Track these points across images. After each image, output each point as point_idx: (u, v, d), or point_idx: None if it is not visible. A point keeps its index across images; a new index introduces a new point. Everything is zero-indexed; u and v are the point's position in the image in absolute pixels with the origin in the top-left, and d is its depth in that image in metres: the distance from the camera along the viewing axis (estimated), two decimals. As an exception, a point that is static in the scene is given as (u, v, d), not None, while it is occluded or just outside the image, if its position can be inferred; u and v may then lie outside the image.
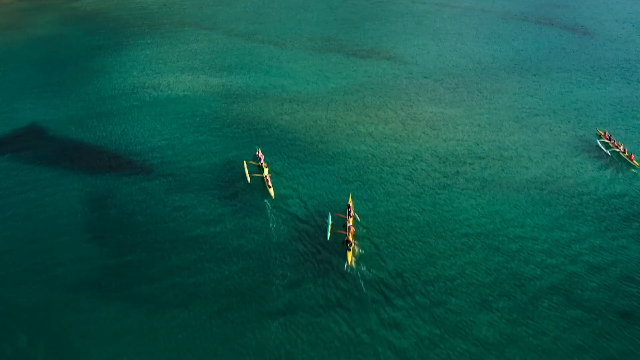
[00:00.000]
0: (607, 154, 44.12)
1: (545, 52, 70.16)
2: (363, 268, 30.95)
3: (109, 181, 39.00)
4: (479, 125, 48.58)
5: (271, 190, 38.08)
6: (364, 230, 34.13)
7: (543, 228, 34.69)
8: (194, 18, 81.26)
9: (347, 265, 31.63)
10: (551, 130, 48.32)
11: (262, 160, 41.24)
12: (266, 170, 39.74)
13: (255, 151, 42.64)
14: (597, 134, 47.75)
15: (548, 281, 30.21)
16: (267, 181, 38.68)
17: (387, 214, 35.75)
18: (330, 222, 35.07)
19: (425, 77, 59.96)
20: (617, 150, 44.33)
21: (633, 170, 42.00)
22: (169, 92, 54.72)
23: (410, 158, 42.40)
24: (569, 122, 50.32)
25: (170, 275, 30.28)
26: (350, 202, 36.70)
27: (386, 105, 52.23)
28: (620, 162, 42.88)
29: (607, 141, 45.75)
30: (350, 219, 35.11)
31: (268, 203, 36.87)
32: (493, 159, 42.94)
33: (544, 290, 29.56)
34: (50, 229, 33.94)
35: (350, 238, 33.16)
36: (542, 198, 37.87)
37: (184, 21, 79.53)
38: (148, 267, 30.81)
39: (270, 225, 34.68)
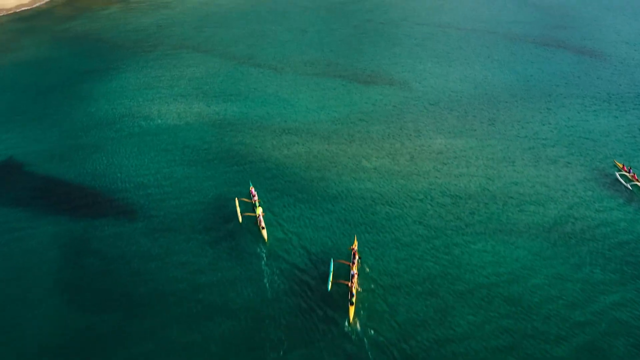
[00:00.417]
0: (628, 188, 41.27)
1: (556, 77, 67.41)
2: (368, 328, 27.58)
3: (87, 225, 35.68)
4: (491, 158, 45.41)
5: (264, 233, 34.89)
6: (370, 282, 30.79)
7: (566, 278, 31.40)
8: (190, 40, 78.74)
9: (349, 324, 28.27)
10: (568, 164, 45.20)
11: (255, 198, 38.11)
12: (259, 209, 36.62)
13: (248, 187, 39.43)
14: (615, 167, 44.82)
15: (574, 343, 26.81)
16: (260, 222, 35.53)
17: (396, 262, 32.42)
18: (332, 269, 31.80)
19: (432, 104, 57.04)
20: (638, 184, 41.48)
21: (658, 206, 38.94)
22: (160, 121, 51.68)
23: (421, 197, 39.13)
24: (585, 154, 47.25)
25: (149, 338, 26.76)
26: (355, 246, 33.44)
27: (392, 136, 49.14)
28: (642, 197, 39.88)
29: (627, 174, 43.03)
30: (355, 266, 31.83)
31: (261, 248, 33.57)
32: (509, 197, 39.69)
33: (570, 354, 26.05)
34: (15, 281, 30.54)
35: (354, 290, 29.85)
36: (563, 242, 34.66)
37: (180, 43, 76.99)
38: (123, 330, 27.37)
39: (263, 275, 31.39)
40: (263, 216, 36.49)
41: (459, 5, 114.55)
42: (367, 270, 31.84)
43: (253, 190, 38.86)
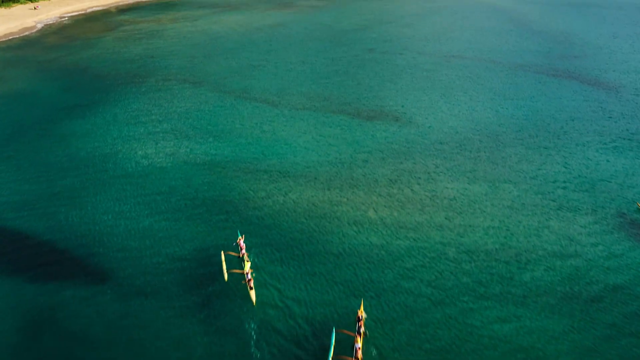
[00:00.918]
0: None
1: (570, 111, 63.93)
2: None
3: (53, 289, 31.39)
4: (509, 206, 41.32)
5: (253, 294, 30.73)
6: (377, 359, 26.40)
7: (603, 352, 26.99)
8: (182, 72, 75.46)
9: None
10: (593, 211, 41.18)
11: (243, 251, 33.92)
12: (247, 265, 32.51)
13: (237, 238, 35.23)
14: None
15: None
16: (249, 281, 31.40)
17: (408, 336, 28.13)
18: (333, 342, 27.48)
19: (440, 143, 53.22)
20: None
21: None
22: (145, 162, 47.71)
23: (434, 255, 34.90)
24: (610, 198, 43.30)
25: None
26: (362, 314, 29.12)
27: (400, 180, 45.13)
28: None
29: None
30: (360, 338, 27.53)
31: (248, 314, 29.27)
32: (531, 253, 35.50)
33: None
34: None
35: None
36: (595, 306, 30.50)
37: (171, 75, 73.65)
38: None
39: (250, 348, 26.93)
40: (252, 274, 32.32)
41: (462, 34, 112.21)
42: (374, 350, 27.47)
43: (242, 241, 34.71)
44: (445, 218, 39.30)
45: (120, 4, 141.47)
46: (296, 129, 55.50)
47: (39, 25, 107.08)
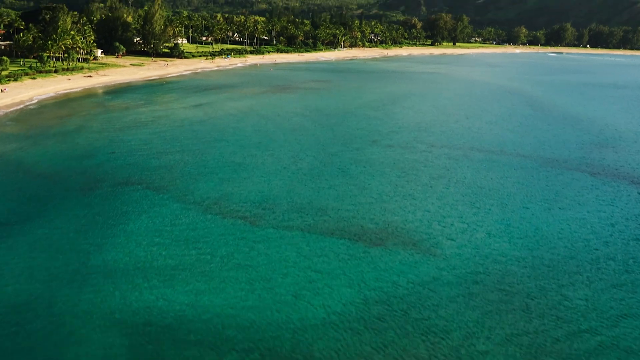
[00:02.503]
0: None
1: (634, 230, 50.75)
2: None
3: None
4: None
5: None
6: None
7: None
8: (144, 173, 62.96)
9: None
10: None
11: None
12: None
13: None
14: None
15: None
16: None
17: None
18: None
19: (476, 283, 39.60)
20: None
21: None
22: (72, 322, 33.40)
23: None
24: None
25: None
26: None
27: (434, 350, 30.84)
28: None
29: None
30: None
31: None
32: None
33: None
34: None
35: None
36: None
37: (131, 177, 61.04)
38: None
39: None
40: None
41: (476, 120, 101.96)
42: None
43: None
44: None
45: (110, 84, 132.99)
46: (281, 263, 41.72)
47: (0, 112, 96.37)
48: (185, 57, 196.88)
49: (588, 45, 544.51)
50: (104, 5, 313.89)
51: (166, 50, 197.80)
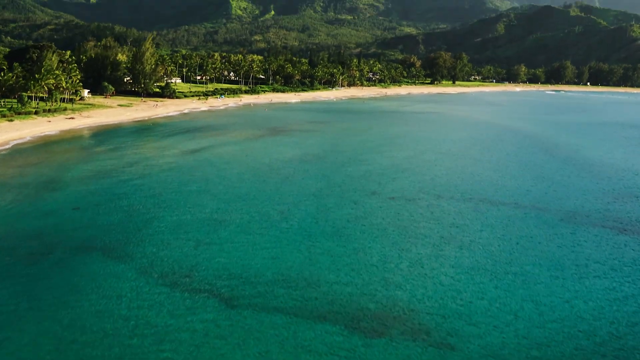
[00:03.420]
0: None
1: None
2: None
3: None
4: None
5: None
6: None
7: None
8: (108, 234, 54.98)
9: None
10: None
11: None
12: None
13: None
14: None
15: None
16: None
17: None
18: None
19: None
20: None
21: None
22: None
23: None
24: None
25: None
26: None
27: None
28: None
29: None
30: None
31: None
32: None
33: None
34: None
35: None
36: None
37: (91, 241, 53.03)
38: None
39: None
40: None
41: (484, 166, 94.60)
42: None
43: None
44: None
45: (93, 126, 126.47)
46: (259, 364, 33.32)
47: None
48: (177, 97, 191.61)
49: (588, 83, 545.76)
50: (99, 44, 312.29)
51: (157, 90, 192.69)
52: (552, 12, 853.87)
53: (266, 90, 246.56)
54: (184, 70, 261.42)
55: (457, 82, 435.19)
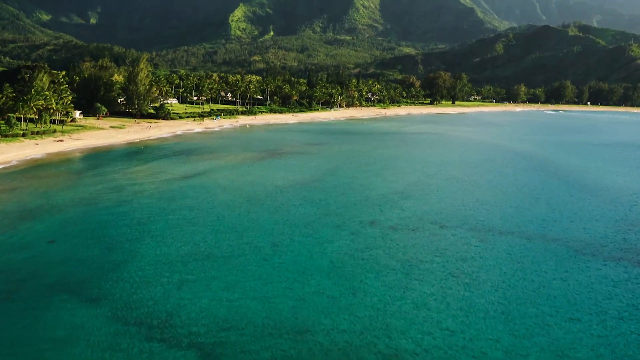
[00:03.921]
0: None
1: None
2: None
3: None
4: None
5: None
6: None
7: None
8: (82, 272, 50.56)
9: None
10: None
11: None
12: None
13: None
14: None
15: None
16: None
17: None
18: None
19: None
20: None
21: None
22: None
23: None
24: None
25: None
26: None
27: None
28: None
29: None
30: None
31: None
32: None
33: None
34: None
35: None
36: None
37: (64, 280, 48.62)
38: None
39: None
40: None
41: (490, 192, 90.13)
42: None
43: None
44: None
45: (82, 148, 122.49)
46: None
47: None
48: (172, 119, 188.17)
49: (589, 103, 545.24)
50: (97, 64, 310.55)
51: (152, 111, 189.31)
52: (551, 32, 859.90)
53: (263, 111, 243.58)
54: (181, 90, 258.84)
55: (456, 102, 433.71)
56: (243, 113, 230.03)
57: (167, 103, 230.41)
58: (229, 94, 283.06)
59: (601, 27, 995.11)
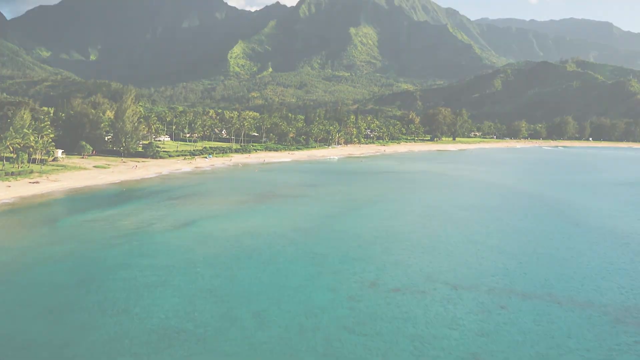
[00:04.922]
0: None
1: None
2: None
3: None
4: None
5: None
6: None
7: None
8: (19, 356, 40.90)
9: None
10: None
11: None
12: None
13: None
14: None
15: None
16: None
17: None
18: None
19: None
20: None
21: None
22: None
23: None
24: None
25: None
26: None
27: None
28: None
29: None
30: None
31: None
32: None
33: None
34: None
35: None
36: None
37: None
38: None
39: None
40: None
41: (505, 244, 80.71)
42: None
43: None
44: None
45: (58, 191, 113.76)
46: None
47: None
48: (161, 157, 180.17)
49: (590, 138, 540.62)
50: (90, 100, 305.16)
51: (140, 150, 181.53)
52: (549, 67, 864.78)
53: (258, 149, 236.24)
54: (173, 127, 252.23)
55: (457, 139, 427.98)
56: (237, 151, 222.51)
57: (159, 140, 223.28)
58: (224, 131, 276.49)
59: (598, 62, 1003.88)
